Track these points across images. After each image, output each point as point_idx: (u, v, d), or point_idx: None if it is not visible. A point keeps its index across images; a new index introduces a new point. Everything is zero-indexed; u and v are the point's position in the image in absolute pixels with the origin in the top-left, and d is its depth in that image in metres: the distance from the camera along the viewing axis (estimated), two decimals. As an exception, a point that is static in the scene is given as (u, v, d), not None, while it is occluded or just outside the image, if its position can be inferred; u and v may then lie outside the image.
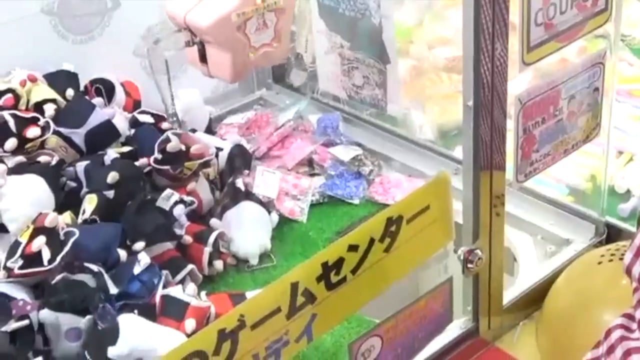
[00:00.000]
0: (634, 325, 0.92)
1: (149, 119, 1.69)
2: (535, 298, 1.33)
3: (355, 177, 1.68)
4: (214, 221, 1.52)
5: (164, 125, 1.69)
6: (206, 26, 1.40)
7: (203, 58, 1.46)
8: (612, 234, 1.44)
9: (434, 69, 1.91)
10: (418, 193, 1.09)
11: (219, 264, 1.46)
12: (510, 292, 1.32)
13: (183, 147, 1.50)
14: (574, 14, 1.17)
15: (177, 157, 1.50)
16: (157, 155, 1.49)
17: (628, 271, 0.91)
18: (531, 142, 1.21)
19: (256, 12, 1.42)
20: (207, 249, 1.44)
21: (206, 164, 1.55)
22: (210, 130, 1.77)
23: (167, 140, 1.50)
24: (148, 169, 1.50)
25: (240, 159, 1.64)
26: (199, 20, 1.41)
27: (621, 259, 1.24)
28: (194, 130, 1.70)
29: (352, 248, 1.02)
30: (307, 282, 0.99)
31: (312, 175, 1.69)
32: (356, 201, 1.63)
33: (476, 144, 1.14)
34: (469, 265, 1.20)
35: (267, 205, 1.57)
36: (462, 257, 1.20)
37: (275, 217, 1.56)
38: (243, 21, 1.41)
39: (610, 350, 0.93)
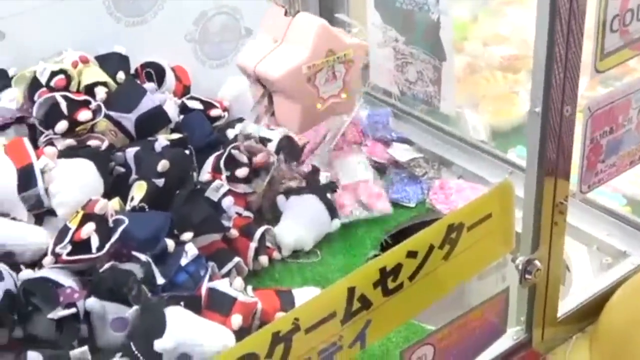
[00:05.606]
0: None
1: (198, 105, 1.68)
2: (590, 311, 1.29)
3: (415, 182, 1.64)
4: (280, 198, 1.52)
5: (213, 112, 1.68)
6: (276, 78, 1.41)
7: (269, 108, 1.49)
8: (671, 249, 1.39)
9: (488, 67, 1.87)
10: (481, 200, 1.06)
11: (264, 259, 1.44)
12: (565, 305, 1.29)
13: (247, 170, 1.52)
14: (650, 22, 1.12)
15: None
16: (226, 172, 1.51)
17: None
18: (597, 151, 1.17)
19: (326, 64, 1.44)
20: (253, 245, 1.42)
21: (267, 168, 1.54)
22: (258, 118, 1.75)
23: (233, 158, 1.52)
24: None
25: (289, 151, 1.62)
26: (269, 71, 1.42)
27: (684, 277, 1.20)
28: (241, 120, 1.68)
29: (411, 254, 0.99)
30: (364, 288, 0.96)
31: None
32: (412, 204, 1.60)
33: (542, 150, 1.10)
34: (527, 276, 1.16)
35: (334, 210, 1.52)
36: (520, 267, 1.16)
37: (336, 223, 1.51)
38: (313, 73, 1.43)
39: None
